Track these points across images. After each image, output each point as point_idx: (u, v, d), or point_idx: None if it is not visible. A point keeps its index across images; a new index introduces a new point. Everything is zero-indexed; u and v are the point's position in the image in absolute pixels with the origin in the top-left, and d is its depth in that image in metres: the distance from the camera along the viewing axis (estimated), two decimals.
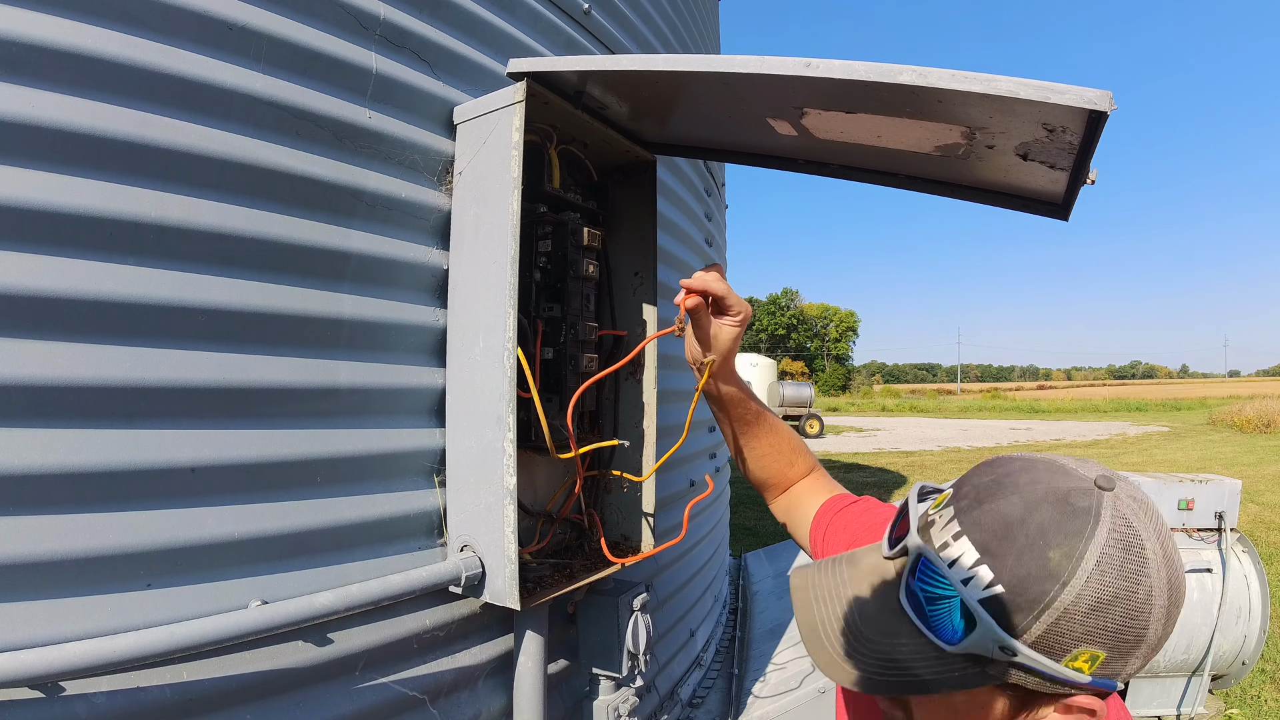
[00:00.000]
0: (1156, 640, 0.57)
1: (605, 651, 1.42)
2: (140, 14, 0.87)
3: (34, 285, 0.79)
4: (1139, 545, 0.56)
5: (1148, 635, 0.56)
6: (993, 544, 0.57)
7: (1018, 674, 0.58)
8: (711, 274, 1.04)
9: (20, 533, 0.78)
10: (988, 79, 0.78)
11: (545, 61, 1.11)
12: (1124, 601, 0.55)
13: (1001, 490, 0.60)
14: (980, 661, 0.58)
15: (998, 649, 0.56)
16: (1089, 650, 0.56)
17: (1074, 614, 0.55)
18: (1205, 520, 3.69)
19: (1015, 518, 0.58)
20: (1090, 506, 0.57)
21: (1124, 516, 0.57)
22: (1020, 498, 0.59)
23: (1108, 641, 0.56)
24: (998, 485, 0.60)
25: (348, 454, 1.08)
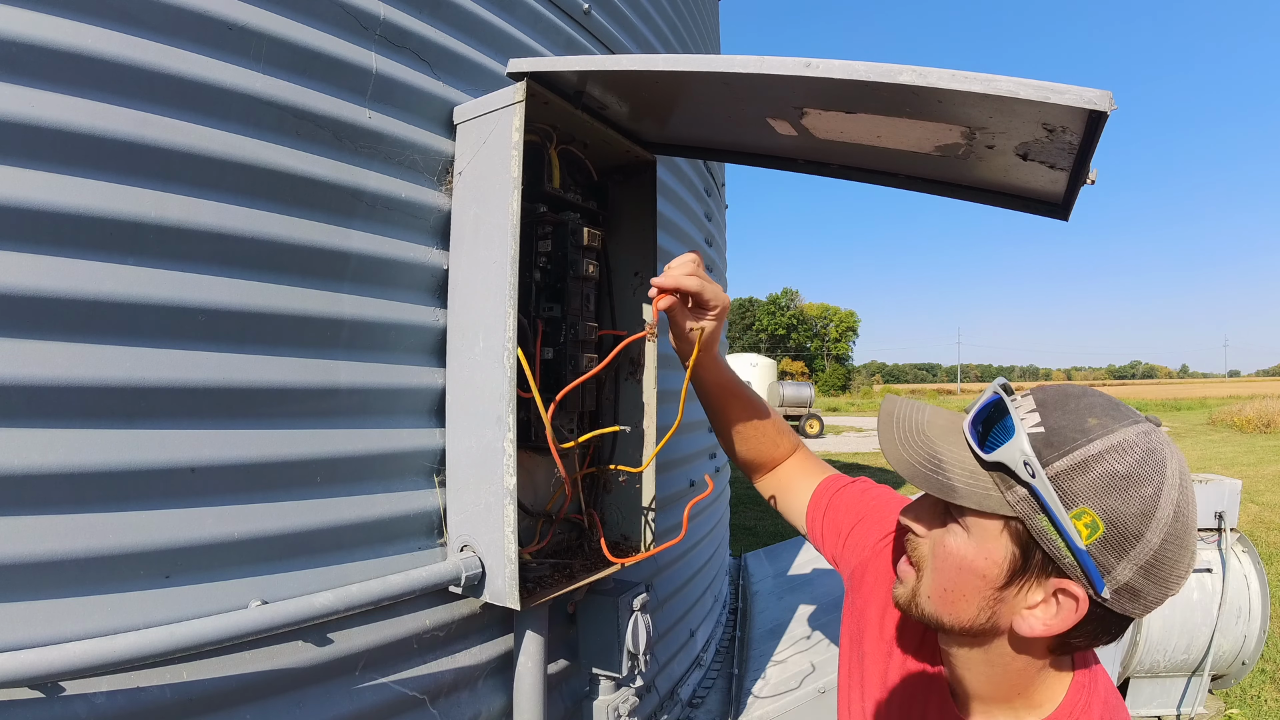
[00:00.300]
0: (1151, 556, 0.62)
1: (605, 651, 1.42)
2: (140, 14, 0.87)
3: (34, 285, 0.79)
4: (1161, 458, 0.63)
5: (1145, 537, 0.61)
6: (1048, 403, 0.68)
7: (1029, 508, 0.65)
8: (683, 270, 1.02)
9: (20, 533, 0.78)
10: (988, 79, 0.78)
11: (545, 61, 1.11)
12: (1134, 487, 0.61)
13: (1071, 385, 0.71)
14: (1004, 480, 0.66)
15: (1022, 464, 0.64)
16: (1091, 513, 0.62)
17: (1090, 470, 0.62)
18: (1205, 520, 3.69)
19: (1073, 395, 0.68)
20: (1135, 415, 0.66)
21: (1160, 439, 0.65)
22: (1082, 390, 0.69)
23: (1109, 516, 0.62)
24: (1069, 385, 0.71)
25: (348, 454, 1.08)
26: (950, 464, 0.70)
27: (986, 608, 0.70)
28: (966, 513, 0.70)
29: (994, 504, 0.67)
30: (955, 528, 0.71)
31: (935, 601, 0.74)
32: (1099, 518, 0.62)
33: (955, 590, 0.72)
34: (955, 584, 0.71)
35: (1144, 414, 0.67)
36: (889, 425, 0.76)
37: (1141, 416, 0.67)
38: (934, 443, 0.73)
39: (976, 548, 0.69)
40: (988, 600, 0.70)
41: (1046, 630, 0.68)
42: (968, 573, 0.70)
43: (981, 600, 0.70)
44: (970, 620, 0.72)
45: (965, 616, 0.72)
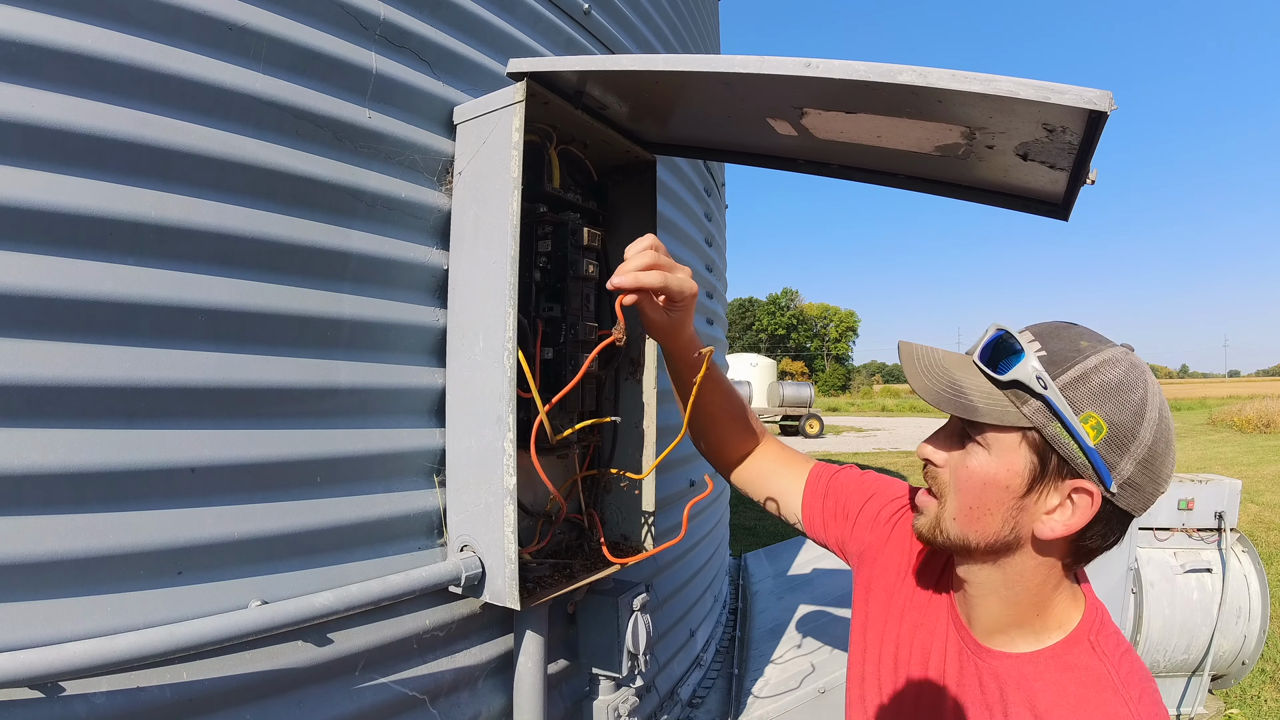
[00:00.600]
0: (1146, 450, 0.72)
1: (605, 651, 1.42)
2: (140, 14, 0.87)
3: (34, 285, 0.79)
4: (1141, 369, 0.74)
5: (1140, 434, 0.72)
6: (1045, 334, 0.78)
7: (1043, 416, 0.74)
8: (640, 262, 0.99)
9: (20, 533, 0.78)
10: (988, 79, 0.78)
11: (545, 61, 1.11)
12: (1126, 392, 0.72)
13: (1055, 321, 0.81)
14: (1018, 396, 0.75)
15: (1035, 378, 0.73)
16: (1096, 416, 0.72)
17: (1089, 380, 0.73)
18: (1205, 520, 3.69)
19: (1062, 326, 0.79)
20: (1114, 342, 0.77)
21: (1137, 357, 0.76)
22: (1068, 324, 0.80)
23: (1110, 418, 0.72)
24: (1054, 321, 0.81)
25: (348, 454, 1.08)
26: (970, 388, 0.78)
27: (1010, 518, 0.77)
28: (986, 430, 0.78)
29: (1012, 418, 0.75)
30: (975, 448, 0.79)
31: (960, 521, 0.80)
32: (1102, 420, 0.72)
33: (980, 506, 0.78)
34: (980, 500, 0.78)
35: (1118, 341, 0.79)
36: (911, 362, 0.84)
37: (1118, 343, 0.78)
38: (952, 372, 0.80)
39: (998, 461, 0.77)
40: (1010, 511, 0.77)
41: (1066, 530, 0.75)
42: (992, 486, 0.77)
43: (1005, 511, 0.77)
44: (995, 534, 0.78)
45: (990, 530, 0.79)
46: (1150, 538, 3.71)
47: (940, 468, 0.83)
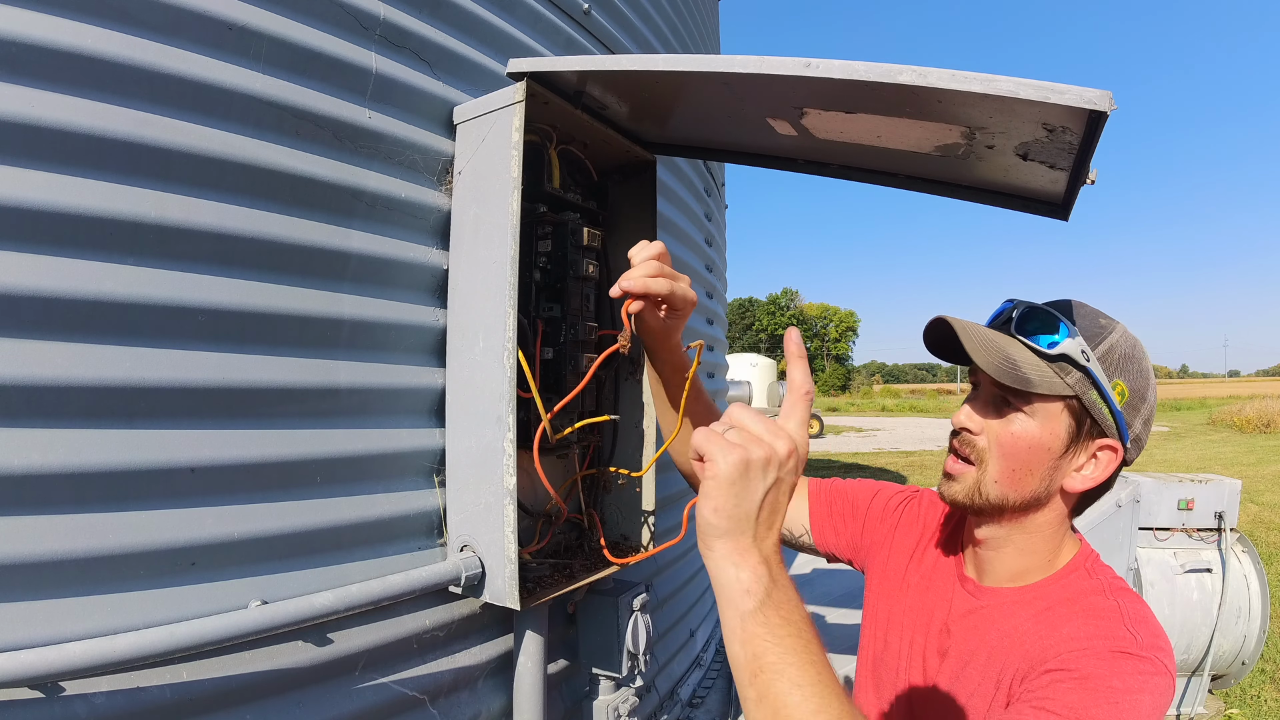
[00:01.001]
0: (1150, 411, 0.87)
1: (605, 651, 1.42)
2: (140, 14, 0.87)
3: (34, 285, 0.79)
4: (1139, 342, 0.88)
5: (1148, 396, 0.86)
6: (1067, 312, 0.87)
7: (1084, 385, 0.83)
8: (648, 270, 0.96)
9: (20, 533, 0.78)
10: (987, 79, 0.78)
11: (545, 61, 1.11)
12: (1137, 361, 0.86)
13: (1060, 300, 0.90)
14: (1064, 368, 0.84)
15: (1080, 351, 0.83)
16: (1121, 383, 0.84)
17: (1115, 352, 0.85)
18: (1205, 520, 3.69)
19: (1074, 304, 0.90)
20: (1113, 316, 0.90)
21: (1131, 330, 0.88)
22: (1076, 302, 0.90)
23: (1130, 384, 0.84)
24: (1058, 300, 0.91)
25: (348, 454, 1.08)
26: (1022, 362, 0.85)
27: (1047, 476, 0.87)
28: (1033, 399, 0.85)
29: (1059, 387, 0.84)
30: (1019, 415, 0.86)
31: (1003, 483, 0.88)
32: (1126, 386, 0.84)
33: (1024, 468, 0.86)
34: (1025, 462, 0.86)
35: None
36: (967, 338, 0.88)
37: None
38: (1004, 348, 0.86)
39: (1041, 426, 0.85)
40: (1049, 470, 0.86)
41: (1094, 482, 0.86)
42: (1038, 449, 0.86)
43: (1044, 471, 0.86)
44: (1033, 492, 0.87)
45: (1029, 489, 0.87)
46: (1150, 538, 3.71)
47: (978, 434, 0.90)
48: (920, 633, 0.99)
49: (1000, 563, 0.93)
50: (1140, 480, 3.67)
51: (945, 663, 0.93)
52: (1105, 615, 0.81)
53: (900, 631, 1.02)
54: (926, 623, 0.98)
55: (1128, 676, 0.73)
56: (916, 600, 1.02)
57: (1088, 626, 0.80)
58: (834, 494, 1.22)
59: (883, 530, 1.13)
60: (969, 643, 0.91)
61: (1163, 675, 0.74)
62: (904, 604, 1.04)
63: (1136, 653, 0.75)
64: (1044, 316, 0.87)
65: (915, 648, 0.98)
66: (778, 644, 0.61)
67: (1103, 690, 0.73)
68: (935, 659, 0.94)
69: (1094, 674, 0.74)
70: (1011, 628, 0.87)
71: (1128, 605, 0.82)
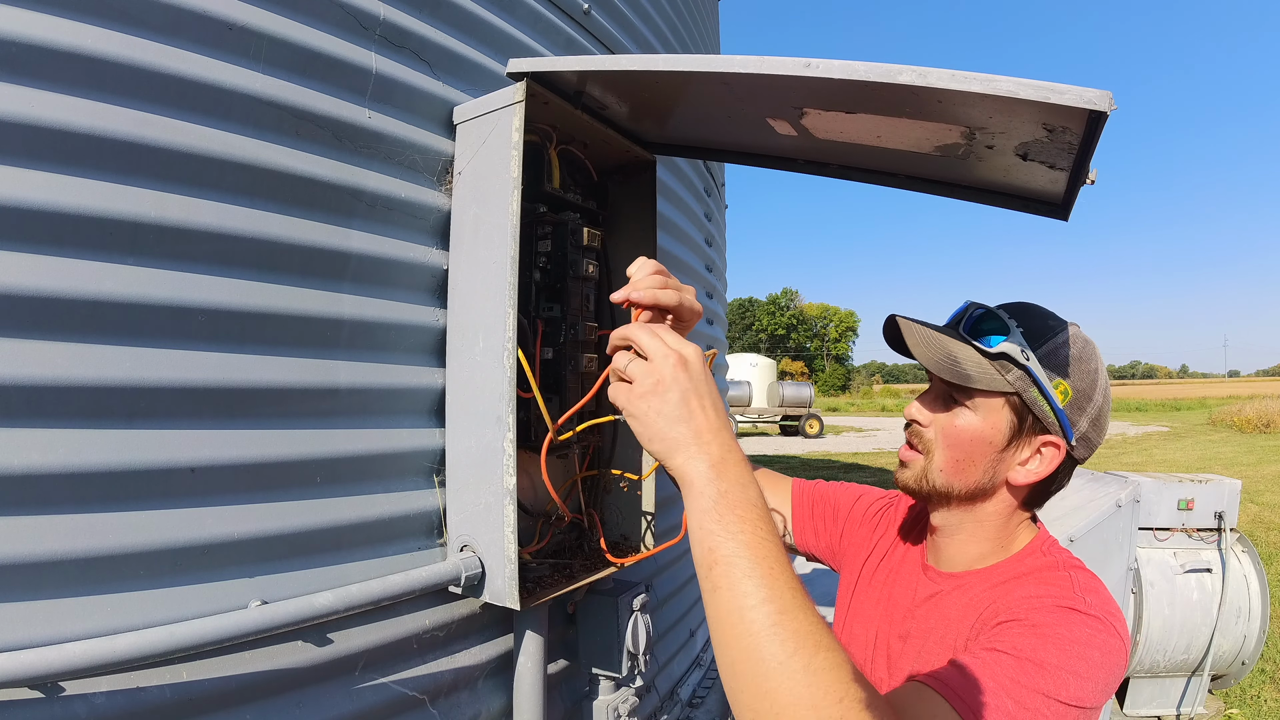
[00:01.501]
0: (1097, 411, 0.89)
1: (605, 651, 1.42)
2: (140, 14, 0.87)
3: (34, 285, 0.79)
4: (1092, 345, 0.91)
5: (1094, 398, 0.88)
6: (1017, 313, 0.90)
7: (1024, 383, 0.86)
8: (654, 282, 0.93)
9: (20, 533, 0.78)
10: (987, 79, 0.78)
11: (545, 61, 1.11)
12: (1085, 363, 0.88)
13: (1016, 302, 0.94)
14: (1005, 366, 0.87)
15: (1020, 351, 0.86)
16: (1064, 383, 0.87)
17: (1060, 353, 0.87)
18: (1205, 520, 3.69)
19: (1027, 305, 0.92)
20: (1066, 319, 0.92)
21: (1086, 333, 0.91)
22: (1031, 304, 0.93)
23: (1074, 384, 0.87)
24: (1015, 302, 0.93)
25: (348, 454, 1.08)
26: (964, 359, 0.89)
27: (990, 468, 0.91)
28: (975, 395, 0.89)
29: (999, 384, 0.88)
30: (962, 410, 0.91)
31: (947, 472, 0.92)
32: (1069, 386, 0.87)
33: (966, 459, 0.91)
34: (967, 453, 0.91)
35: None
36: (910, 334, 0.93)
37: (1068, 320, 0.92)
38: (947, 345, 0.91)
39: (983, 420, 0.90)
40: (991, 462, 0.90)
41: (1037, 477, 0.90)
42: (979, 442, 0.90)
43: (986, 463, 0.91)
44: (976, 482, 0.91)
45: (972, 479, 0.91)
46: (1150, 538, 3.71)
47: (926, 427, 0.95)
48: (885, 621, 1.02)
49: (956, 548, 0.97)
50: (1140, 480, 3.67)
51: (908, 645, 0.96)
52: (1058, 582, 0.85)
53: (864, 623, 1.06)
54: (890, 611, 1.02)
55: (1075, 627, 0.76)
56: (881, 593, 1.06)
57: (1040, 588, 0.85)
58: (816, 497, 1.26)
59: (861, 535, 1.17)
60: (929, 621, 0.94)
61: (1113, 636, 0.76)
62: (870, 597, 1.08)
63: (1085, 610, 0.78)
64: (991, 318, 0.91)
65: (881, 636, 1.01)
66: (730, 538, 0.67)
67: (1051, 637, 0.75)
68: (898, 643, 0.97)
69: (1044, 623, 0.77)
70: (969, 600, 0.91)
71: (1079, 577, 0.86)
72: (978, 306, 0.94)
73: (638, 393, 0.75)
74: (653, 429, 0.74)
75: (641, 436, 0.75)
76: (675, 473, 0.73)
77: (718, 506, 0.69)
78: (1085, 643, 0.75)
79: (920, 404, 0.97)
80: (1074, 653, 0.73)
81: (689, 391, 0.74)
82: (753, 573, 0.65)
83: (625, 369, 0.78)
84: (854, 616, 1.09)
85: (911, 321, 0.96)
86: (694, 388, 0.75)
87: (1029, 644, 0.74)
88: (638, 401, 0.75)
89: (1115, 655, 0.76)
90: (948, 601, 0.94)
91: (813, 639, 0.62)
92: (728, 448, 0.73)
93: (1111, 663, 0.75)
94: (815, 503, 1.25)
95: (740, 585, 0.65)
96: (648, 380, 0.75)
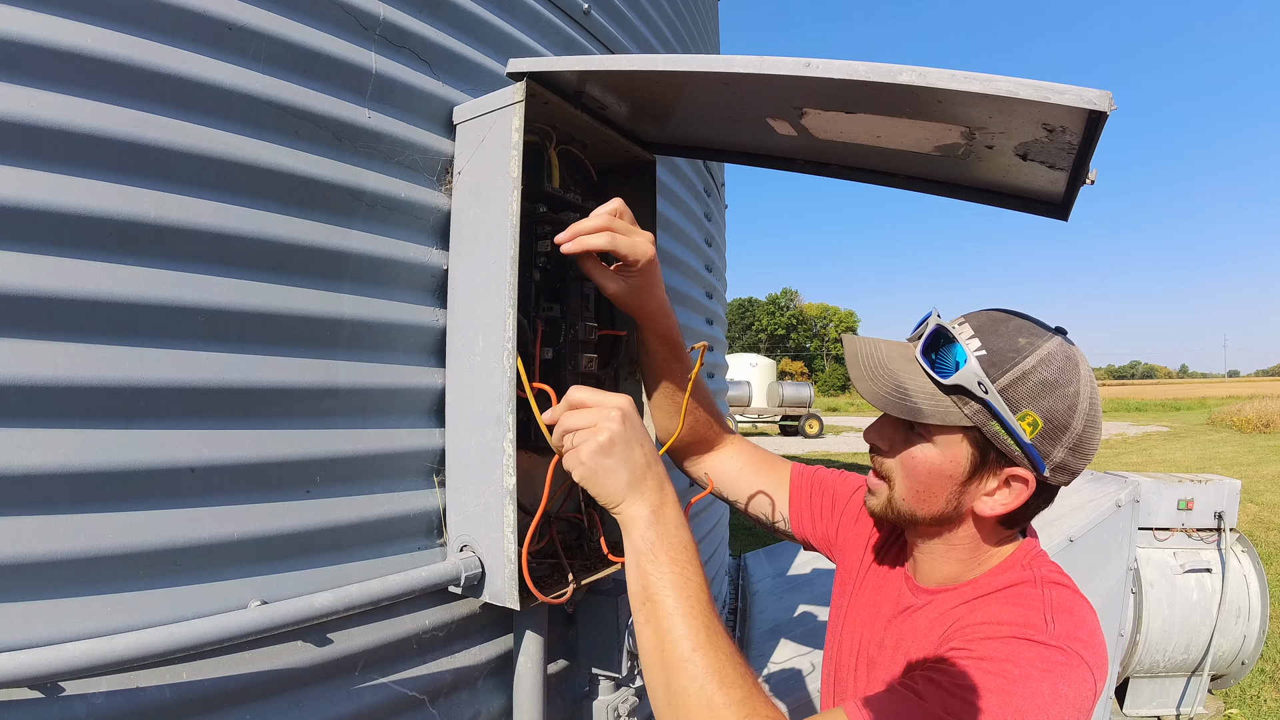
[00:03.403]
0: (1076, 439, 0.79)
1: (605, 651, 1.42)
2: (140, 14, 0.87)
3: (34, 285, 0.79)
4: (1075, 361, 0.81)
5: (1072, 425, 0.79)
6: (984, 329, 0.83)
7: (983, 417, 0.80)
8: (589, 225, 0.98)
9: (20, 533, 0.78)
10: (987, 79, 0.78)
11: (545, 61, 1.11)
12: (1060, 388, 0.79)
13: (994, 311, 0.86)
14: (962, 399, 0.80)
15: (976, 383, 0.78)
16: (1032, 414, 0.78)
17: (1028, 380, 0.78)
18: (1205, 520, 3.70)
19: (1000, 319, 0.84)
20: (1049, 331, 0.83)
21: (1071, 346, 0.83)
22: (1006, 314, 0.85)
23: (1046, 413, 0.78)
24: (991, 310, 0.87)
25: (347, 454, 1.08)
26: (914, 391, 0.83)
27: (953, 499, 0.86)
28: (931, 429, 0.84)
29: (954, 418, 0.81)
30: (920, 441, 0.86)
31: (910, 501, 0.89)
32: (1039, 416, 0.78)
33: (926, 490, 0.87)
34: (926, 485, 0.86)
35: (1052, 325, 0.84)
36: (855, 364, 0.88)
37: (1052, 329, 0.84)
38: (897, 375, 0.84)
39: (941, 454, 0.84)
40: (953, 494, 0.86)
41: (1005, 509, 0.84)
42: (937, 475, 0.85)
43: (949, 494, 0.86)
44: (940, 510, 0.87)
45: (936, 508, 0.87)
46: (1150, 538, 3.71)
47: (887, 453, 0.91)
48: (868, 628, 1.01)
49: (929, 565, 0.94)
50: (1140, 480, 3.67)
51: (882, 654, 0.95)
52: (1026, 603, 0.80)
53: (852, 629, 1.04)
54: (873, 619, 1.01)
55: (1025, 662, 0.72)
56: (870, 599, 1.04)
57: (1003, 612, 0.80)
58: (815, 484, 1.23)
59: (857, 531, 1.14)
60: (900, 633, 0.93)
61: (1074, 665, 0.72)
62: (860, 602, 1.06)
63: (1042, 640, 0.74)
64: (946, 340, 0.83)
65: (864, 644, 1.00)
66: (661, 578, 0.77)
67: (995, 672, 0.72)
68: (875, 651, 0.97)
69: (990, 655, 0.74)
70: (937, 616, 0.89)
71: (1053, 595, 0.80)
72: (933, 323, 0.85)
73: (588, 452, 0.83)
74: (601, 484, 0.83)
75: (591, 488, 0.85)
76: (619, 517, 0.84)
77: (653, 549, 0.79)
78: (1035, 676, 0.71)
79: (879, 427, 0.92)
80: (1019, 689, 0.70)
81: (631, 442, 0.83)
82: (676, 611, 0.74)
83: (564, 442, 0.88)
84: (845, 623, 1.07)
85: (860, 344, 0.90)
86: (637, 438, 0.84)
87: (970, 679, 0.71)
88: (590, 463, 0.83)
89: (1074, 685, 0.71)
90: (919, 616, 0.92)
91: (718, 675, 0.70)
92: (664, 494, 0.83)
93: (1069, 693, 0.71)
94: (814, 490, 1.23)
95: (665, 622, 0.74)
96: (596, 440, 0.83)
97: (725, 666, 0.71)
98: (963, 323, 0.85)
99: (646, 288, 1.10)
